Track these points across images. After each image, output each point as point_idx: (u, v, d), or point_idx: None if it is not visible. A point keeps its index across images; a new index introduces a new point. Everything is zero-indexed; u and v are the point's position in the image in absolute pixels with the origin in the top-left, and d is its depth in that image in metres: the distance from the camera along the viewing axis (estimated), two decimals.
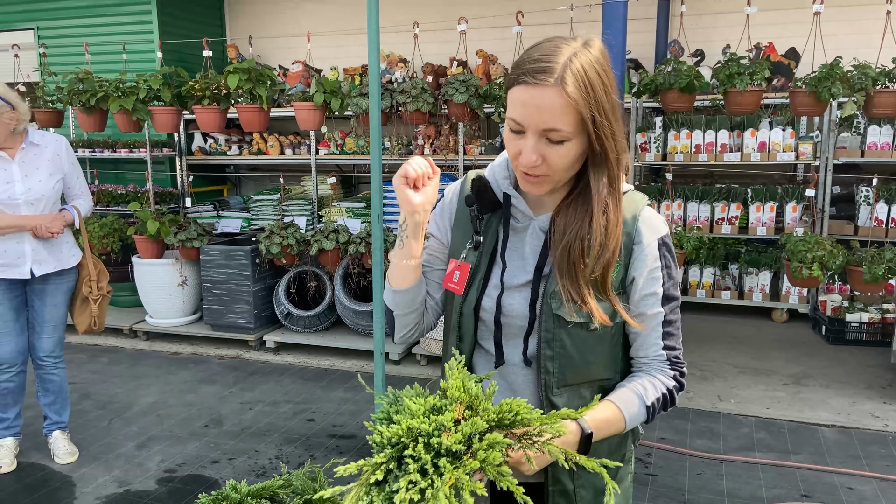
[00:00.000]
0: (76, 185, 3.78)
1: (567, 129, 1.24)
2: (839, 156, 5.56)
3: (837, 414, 4.30)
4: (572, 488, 1.44)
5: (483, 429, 1.17)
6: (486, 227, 1.46)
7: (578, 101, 1.22)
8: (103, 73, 5.62)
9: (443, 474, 1.12)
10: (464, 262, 1.46)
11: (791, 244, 4.35)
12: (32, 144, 3.58)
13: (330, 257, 5.20)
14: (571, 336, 1.37)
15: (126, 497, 3.48)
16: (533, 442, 1.22)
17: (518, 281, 1.42)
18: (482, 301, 1.44)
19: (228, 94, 5.11)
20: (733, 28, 5.84)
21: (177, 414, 4.47)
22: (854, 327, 5.45)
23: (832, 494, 3.43)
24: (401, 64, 6.66)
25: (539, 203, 1.43)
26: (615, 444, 1.48)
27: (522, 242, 1.43)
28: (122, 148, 6.84)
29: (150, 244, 5.64)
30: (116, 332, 6.10)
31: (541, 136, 1.26)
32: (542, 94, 1.23)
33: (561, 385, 1.40)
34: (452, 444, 1.14)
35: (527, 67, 1.25)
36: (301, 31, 7.47)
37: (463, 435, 1.15)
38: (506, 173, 1.45)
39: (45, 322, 3.72)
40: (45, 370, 3.78)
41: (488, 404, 1.22)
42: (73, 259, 3.76)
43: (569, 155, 1.28)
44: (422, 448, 1.15)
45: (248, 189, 8.00)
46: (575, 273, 1.33)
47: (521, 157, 1.28)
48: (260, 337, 5.65)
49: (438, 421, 1.17)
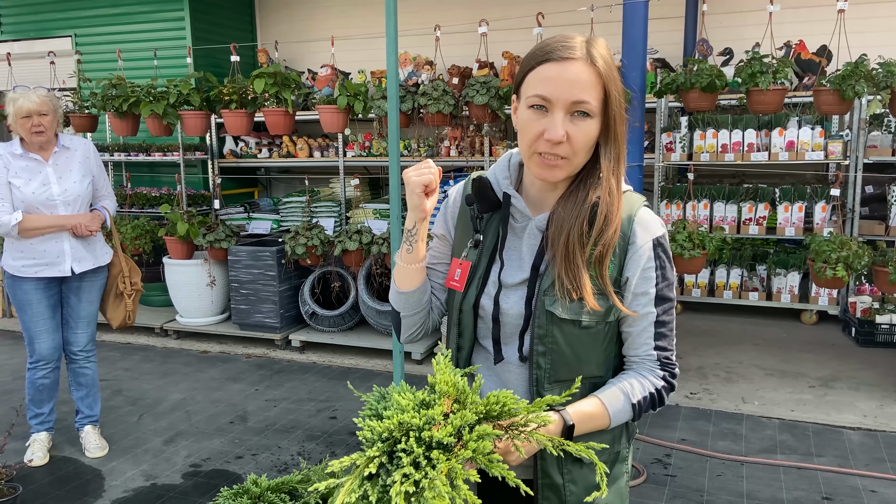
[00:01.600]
0: (103, 187, 3.92)
1: (594, 102, 1.30)
2: (869, 155, 5.47)
3: (864, 416, 4.23)
4: (561, 482, 1.45)
5: (472, 421, 1.20)
6: (487, 226, 1.49)
7: (605, 75, 1.30)
8: (136, 79, 5.78)
9: (436, 466, 1.16)
10: (465, 260, 1.50)
11: (815, 244, 4.29)
12: (64, 148, 3.72)
13: (353, 258, 5.27)
14: (564, 333, 1.39)
15: (153, 490, 3.58)
16: (520, 431, 1.25)
17: (515, 279, 1.45)
18: (481, 299, 1.48)
19: (255, 97, 5.21)
20: (762, 26, 5.77)
21: (204, 410, 4.57)
22: (884, 329, 5.35)
23: (855, 497, 3.38)
24: (427, 66, 6.71)
25: (538, 203, 1.46)
26: (607, 442, 1.49)
27: (520, 242, 1.46)
28: (156, 152, 7.00)
29: (180, 245, 5.78)
30: (148, 330, 6.26)
31: (568, 110, 1.30)
32: (572, 66, 1.29)
33: (552, 381, 1.42)
34: (443, 436, 1.17)
35: (551, 47, 1.32)
36: (329, 35, 7.57)
37: (453, 427, 1.19)
38: (506, 173, 1.49)
39: (80, 318, 3.85)
40: (78, 364, 3.91)
41: (476, 397, 1.25)
42: (107, 257, 3.91)
43: (590, 133, 1.32)
44: (413, 442, 1.18)
45: (279, 191, 8.13)
46: (574, 257, 1.36)
47: (548, 133, 1.31)
48: (286, 336, 5.74)
49: (428, 415, 1.21)
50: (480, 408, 1.23)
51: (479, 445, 1.17)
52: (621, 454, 1.53)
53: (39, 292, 3.71)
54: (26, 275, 3.67)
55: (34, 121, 3.54)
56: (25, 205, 3.59)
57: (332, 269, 5.66)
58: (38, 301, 3.72)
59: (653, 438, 4.00)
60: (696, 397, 4.58)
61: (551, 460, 1.43)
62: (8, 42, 7.48)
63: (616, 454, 1.52)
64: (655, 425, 4.19)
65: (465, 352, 1.52)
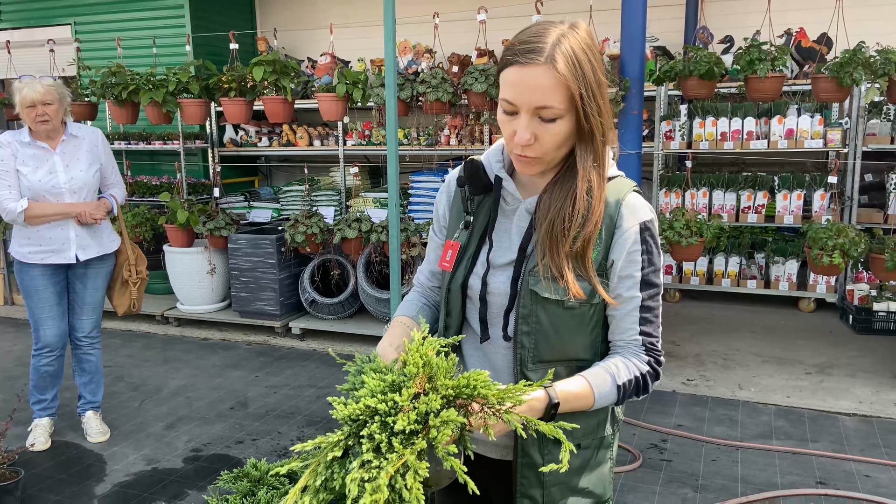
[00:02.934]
0: (111, 175, 3.95)
1: (558, 105, 1.29)
2: (868, 143, 5.47)
3: (860, 403, 4.26)
4: (541, 462, 1.46)
5: (437, 407, 1.19)
6: (479, 208, 1.52)
7: (568, 78, 1.28)
8: (135, 67, 5.79)
9: (394, 453, 1.15)
10: (455, 240, 1.53)
11: (812, 231, 4.30)
12: (72, 136, 3.75)
13: (353, 246, 5.29)
14: (548, 313, 1.41)
15: (154, 474, 3.62)
16: (494, 411, 1.25)
17: (503, 260, 1.47)
18: (469, 279, 1.50)
19: (254, 85, 5.22)
20: (763, 14, 5.76)
21: (205, 396, 4.61)
22: (882, 317, 5.37)
23: (849, 482, 3.41)
24: (427, 55, 6.70)
25: (528, 186, 1.48)
26: (592, 426, 1.51)
27: (510, 224, 1.48)
28: (157, 140, 7.01)
29: (181, 233, 5.81)
30: (149, 318, 6.30)
31: (533, 114, 1.31)
32: (534, 72, 1.28)
33: (536, 361, 1.44)
34: (406, 425, 1.16)
35: (517, 49, 1.30)
36: (328, 23, 7.57)
37: (418, 414, 1.18)
38: (499, 157, 1.51)
39: (85, 304, 3.90)
40: (83, 350, 3.96)
41: (446, 380, 1.24)
42: (113, 244, 3.94)
43: (560, 133, 1.33)
44: (377, 427, 1.18)
45: (279, 180, 8.14)
46: (556, 247, 1.37)
47: (516, 137, 1.32)
48: (286, 324, 5.78)
49: (394, 400, 1.20)
50: (449, 391, 1.22)
51: (439, 434, 1.16)
52: (605, 440, 1.55)
53: (46, 279, 3.75)
54: (33, 261, 3.71)
55: (38, 110, 3.57)
56: (32, 192, 3.63)
57: (331, 257, 5.68)
58: (44, 287, 3.76)
59: (649, 424, 4.03)
60: (692, 384, 4.61)
61: (532, 440, 1.44)
62: (7, 30, 7.47)
63: (601, 440, 1.54)
64: (652, 411, 4.22)
65: (452, 331, 1.54)
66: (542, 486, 1.49)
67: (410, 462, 1.14)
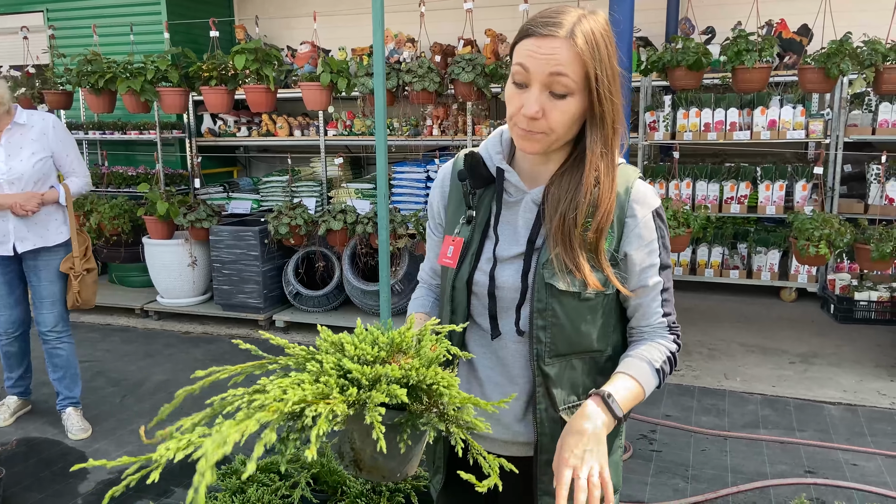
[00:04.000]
0: (67, 163, 3.83)
1: (572, 77, 1.28)
2: (850, 133, 5.52)
3: (844, 392, 4.30)
4: None
5: (394, 377, 1.17)
6: (480, 201, 1.48)
7: (585, 55, 1.27)
8: (112, 55, 5.65)
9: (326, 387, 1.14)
10: (457, 236, 1.49)
11: (798, 222, 4.33)
12: (18, 125, 3.66)
13: (338, 237, 5.23)
14: (564, 305, 1.38)
15: (138, 472, 3.54)
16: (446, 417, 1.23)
17: (510, 253, 1.43)
18: (475, 275, 1.46)
19: (235, 74, 5.12)
20: (744, 5, 5.78)
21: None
22: (863, 306, 5.44)
23: (836, 470, 3.44)
24: (409, 44, 6.64)
25: (532, 177, 1.44)
26: None
27: (515, 216, 1.44)
28: (132, 130, 6.87)
29: (160, 225, 5.70)
30: (128, 311, 6.18)
31: (545, 86, 1.29)
32: (552, 43, 1.27)
33: (553, 355, 1.41)
34: (355, 371, 1.16)
35: (538, 21, 1.30)
36: (310, 11, 7.46)
37: (372, 372, 1.17)
38: (499, 148, 1.47)
39: (42, 298, 3.83)
40: (50, 345, 3.89)
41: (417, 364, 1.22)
42: (60, 237, 3.84)
43: (569, 111, 1.30)
44: (332, 360, 1.19)
45: (258, 171, 8.04)
46: (570, 239, 1.35)
47: (524, 108, 1.30)
48: (269, 316, 5.70)
49: (364, 350, 1.21)
50: (412, 372, 1.20)
51: (371, 395, 1.14)
52: (616, 429, 1.52)
53: None
54: None
55: None
56: None
57: (316, 249, 5.62)
58: None
59: (638, 415, 4.03)
60: (679, 374, 4.63)
61: (552, 436, 1.43)
62: None
63: (615, 430, 1.50)
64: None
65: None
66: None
67: (334, 402, 1.12)
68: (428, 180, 6.11)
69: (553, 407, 1.43)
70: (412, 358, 1.24)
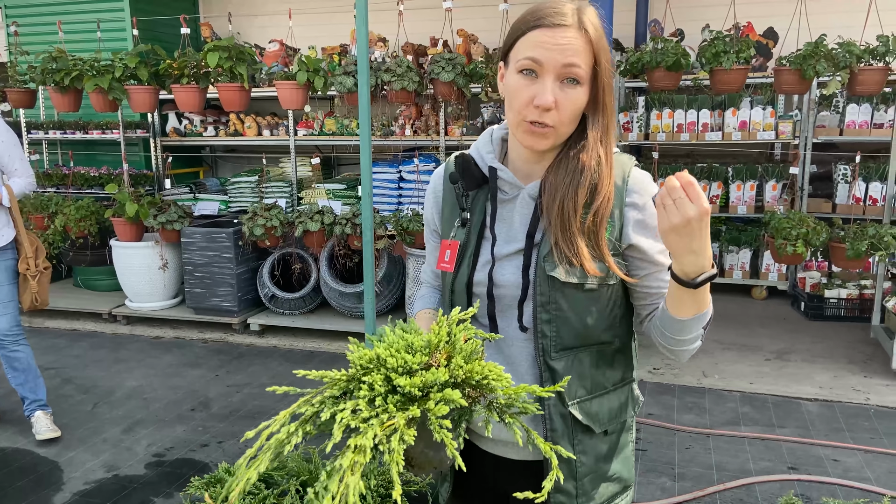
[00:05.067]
0: (10, 163, 3.74)
1: (584, 68, 1.30)
2: (818, 134, 5.63)
3: (820, 388, 4.38)
4: (573, 453, 1.43)
5: (443, 381, 1.15)
6: (473, 203, 1.46)
7: (596, 44, 1.30)
8: (76, 53, 5.48)
9: (387, 412, 1.11)
10: (453, 240, 1.47)
11: (775, 221, 4.40)
12: None
13: (315, 239, 5.15)
14: (567, 298, 1.36)
15: (115, 482, 3.44)
16: (501, 411, 1.22)
17: (508, 250, 1.41)
18: (474, 276, 1.44)
19: (208, 72, 5.01)
20: (711, 7, 5.86)
21: (162, 398, 4.41)
22: (833, 303, 5.55)
23: (818, 466, 3.50)
24: (380, 43, 6.58)
25: (526, 174, 1.43)
26: (616, 410, 1.47)
27: (511, 213, 1.43)
28: (95, 129, 6.69)
29: (129, 227, 5.54)
30: (95, 316, 6.00)
31: (559, 76, 1.29)
32: (565, 33, 1.28)
33: (559, 349, 1.39)
34: (408, 386, 1.12)
35: (542, 13, 1.30)
36: (275, 9, 7.35)
37: (422, 381, 1.14)
38: (490, 147, 1.47)
39: None
40: (7, 349, 3.79)
41: (461, 361, 1.20)
42: (3, 239, 3.72)
43: (578, 100, 1.31)
44: (379, 378, 1.14)
45: (225, 171, 7.89)
46: (569, 225, 1.34)
47: (537, 99, 1.29)
48: (244, 320, 5.59)
49: (405, 359, 1.16)
50: (461, 372, 1.18)
51: (436, 408, 1.12)
52: (627, 423, 1.52)
53: None
54: None
55: None
56: None
57: (292, 251, 5.52)
58: None
59: None
60: (659, 372, 4.66)
61: (562, 433, 1.41)
62: None
63: (623, 423, 1.51)
64: None
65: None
66: (575, 479, 1.44)
67: (399, 426, 1.09)
68: (401, 181, 6.06)
69: (562, 402, 1.40)
70: (448, 354, 1.21)
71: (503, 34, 5.22)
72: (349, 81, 4.85)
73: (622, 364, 1.50)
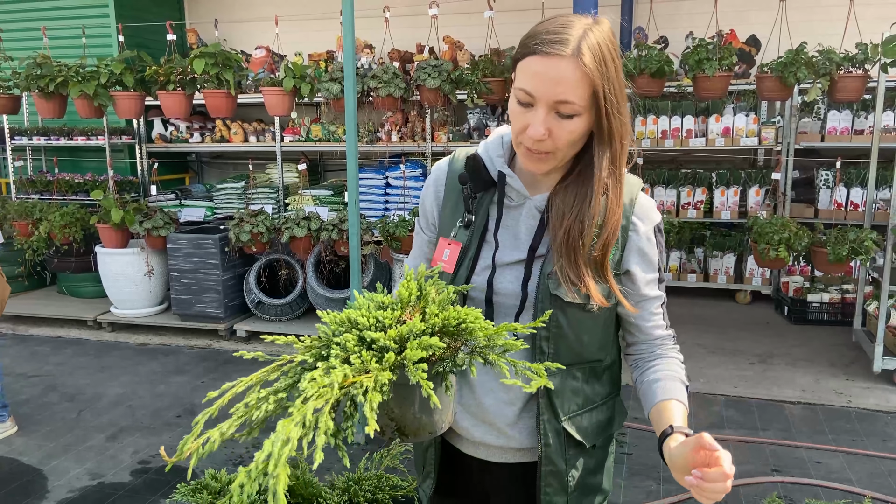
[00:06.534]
0: None
1: (579, 102, 1.23)
2: (800, 140, 5.70)
3: (803, 391, 4.42)
4: (564, 468, 1.44)
5: (419, 330, 1.12)
6: (478, 205, 1.44)
7: (593, 73, 1.21)
8: (61, 59, 5.46)
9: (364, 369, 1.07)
10: (454, 240, 1.44)
11: (758, 226, 4.45)
12: None
13: (301, 245, 5.15)
14: (568, 317, 1.36)
15: (100, 489, 3.42)
16: (479, 351, 1.18)
17: (510, 259, 1.40)
18: (471, 280, 1.42)
19: (194, 78, 5.00)
20: (694, 15, 5.93)
21: (148, 405, 4.39)
22: (815, 307, 5.61)
23: (801, 468, 3.53)
24: (367, 49, 6.60)
25: (534, 183, 1.41)
26: (604, 423, 1.50)
27: (516, 222, 1.41)
28: (79, 135, 6.66)
29: (115, 233, 5.52)
30: (80, 323, 5.97)
31: (551, 108, 1.24)
32: (559, 64, 1.21)
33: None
34: (382, 339, 1.10)
35: (542, 38, 1.23)
36: (260, 16, 7.35)
37: (398, 333, 1.12)
38: (500, 151, 1.43)
39: None
40: None
41: (435, 310, 1.17)
42: None
43: (576, 131, 1.27)
44: (352, 338, 1.11)
45: (211, 177, 7.86)
46: (574, 254, 1.32)
47: (529, 130, 1.26)
48: (230, 326, 5.57)
49: (377, 317, 1.14)
50: (436, 319, 1.15)
51: (408, 353, 1.08)
52: (611, 435, 1.55)
53: None
54: None
55: None
56: None
57: (278, 257, 5.52)
58: None
59: None
60: None
61: (555, 447, 1.42)
62: None
63: (609, 437, 1.54)
64: None
65: None
66: (566, 492, 1.46)
67: (374, 370, 1.05)
68: (388, 186, 6.08)
69: (556, 418, 1.42)
70: (423, 308, 1.18)
71: (489, 41, 5.28)
72: (335, 88, 4.86)
73: (610, 379, 1.52)
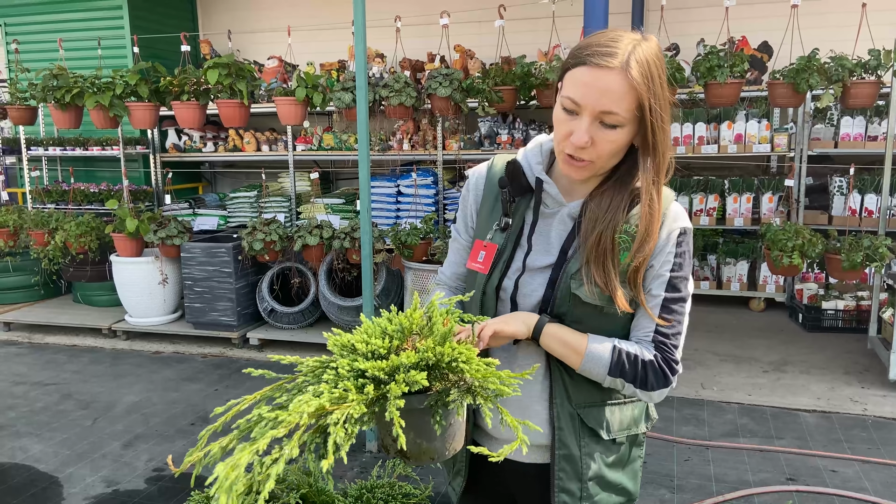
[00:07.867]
0: None
1: (623, 113, 1.28)
2: (813, 147, 5.67)
3: (818, 399, 4.39)
4: (578, 454, 1.46)
5: (411, 363, 1.16)
6: (515, 210, 1.50)
7: (640, 87, 1.26)
8: (77, 70, 5.53)
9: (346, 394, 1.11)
10: (490, 242, 1.50)
11: (771, 233, 4.42)
12: None
13: (314, 253, 5.17)
14: (587, 317, 1.40)
15: (115, 497, 3.44)
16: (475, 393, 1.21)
17: (541, 263, 1.45)
18: (503, 281, 1.48)
19: (208, 89, 5.05)
20: (705, 22, 5.92)
21: (162, 412, 4.42)
22: (830, 315, 5.57)
23: (816, 477, 3.50)
24: (378, 59, 6.64)
25: (570, 190, 1.46)
26: (628, 421, 1.51)
27: (549, 227, 1.46)
28: (95, 146, 6.73)
29: (129, 242, 5.56)
30: (95, 331, 6.01)
31: (595, 118, 1.29)
32: (607, 75, 1.26)
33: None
34: (371, 369, 1.13)
35: (592, 50, 1.28)
36: (273, 26, 7.41)
37: (389, 365, 1.15)
38: (539, 158, 1.49)
39: None
40: None
41: (430, 343, 1.20)
42: None
43: (618, 141, 1.31)
44: (345, 363, 1.15)
45: (224, 186, 7.93)
46: (604, 259, 1.35)
47: (573, 137, 1.30)
48: (243, 334, 5.60)
49: (376, 344, 1.19)
50: (429, 354, 1.18)
51: (390, 388, 1.12)
52: (639, 438, 1.56)
53: None
54: None
55: None
56: None
57: (291, 265, 5.55)
58: None
59: None
60: None
61: (568, 431, 1.45)
62: None
63: (634, 437, 1.55)
64: None
65: None
66: (581, 480, 1.47)
67: (356, 400, 1.10)
68: (399, 195, 6.11)
69: (570, 402, 1.45)
70: (426, 338, 1.22)
71: (499, 50, 5.30)
72: (347, 97, 4.90)
73: None
